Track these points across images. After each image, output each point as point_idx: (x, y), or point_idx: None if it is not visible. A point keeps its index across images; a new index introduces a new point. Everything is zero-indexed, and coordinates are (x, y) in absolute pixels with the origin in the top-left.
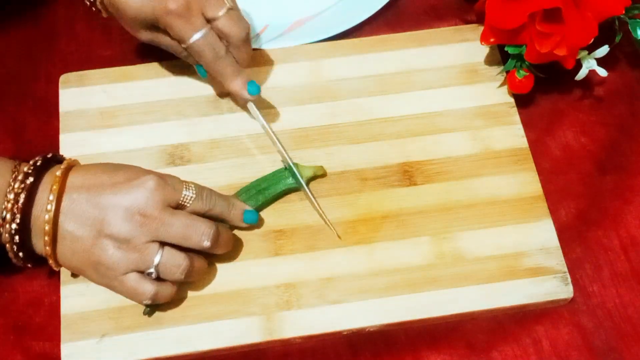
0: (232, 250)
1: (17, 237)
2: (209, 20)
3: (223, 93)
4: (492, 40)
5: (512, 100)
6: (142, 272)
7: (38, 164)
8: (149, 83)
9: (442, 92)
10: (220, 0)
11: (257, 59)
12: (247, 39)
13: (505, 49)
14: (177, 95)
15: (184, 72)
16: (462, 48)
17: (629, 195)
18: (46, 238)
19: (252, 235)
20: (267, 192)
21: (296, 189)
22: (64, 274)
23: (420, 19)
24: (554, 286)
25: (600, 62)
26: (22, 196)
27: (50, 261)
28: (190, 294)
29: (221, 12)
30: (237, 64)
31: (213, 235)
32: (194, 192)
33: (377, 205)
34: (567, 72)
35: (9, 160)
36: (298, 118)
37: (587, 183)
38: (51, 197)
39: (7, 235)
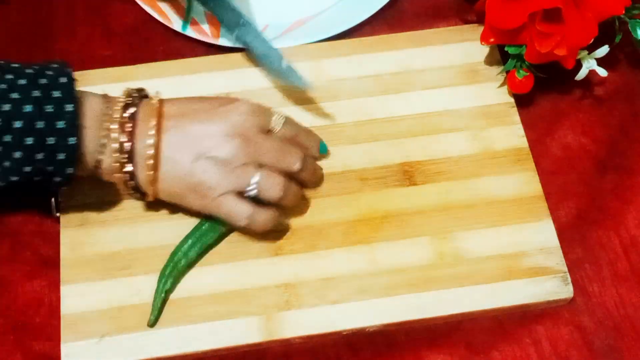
0: (232, 250)
1: (128, 166)
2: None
3: None
4: (492, 40)
5: (512, 100)
6: (241, 194)
7: (134, 94)
8: (149, 83)
9: (442, 92)
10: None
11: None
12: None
13: (505, 49)
14: (177, 95)
15: (183, 72)
16: (462, 48)
17: (629, 195)
18: (149, 162)
19: (252, 236)
20: (203, 246)
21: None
22: (64, 273)
23: (420, 19)
24: (554, 286)
25: (600, 62)
26: (129, 126)
27: (150, 190)
28: (190, 294)
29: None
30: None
31: (302, 159)
32: (284, 117)
33: (377, 205)
34: (567, 72)
35: (96, 93)
36: (298, 118)
37: (587, 183)
38: (153, 124)
39: (116, 164)
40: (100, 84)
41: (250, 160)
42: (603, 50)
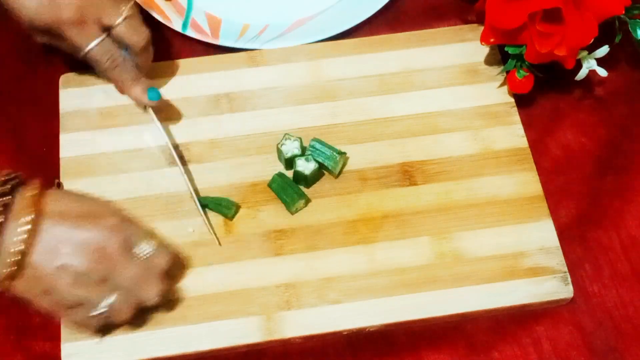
0: (232, 250)
1: None
2: (106, 28)
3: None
4: (492, 40)
5: (512, 100)
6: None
7: (10, 181)
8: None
9: (442, 92)
10: (117, 8)
11: (257, 59)
12: (146, 47)
13: (505, 49)
14: (177, 95)
15: (183, 72)
16: (462, 48)
17: (629, 195)
18: (14, 260)
19: (252, 236)
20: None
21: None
22: None
23: (420, 19)
24: (554, 286)
25: (600, 62)
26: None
27: (5, 285)
28: (190, 294)
29: (118, 20)
30: (137, 71)
31: (163, 295)
32: (153, 246)
33: (377, 205)
34: (567, 72)
35: None
36: (298, 118)
37: (587, 183)
38: (27, 220)
39: None
40: (100, 84)
41: (106, 278)
42: (603, 50)
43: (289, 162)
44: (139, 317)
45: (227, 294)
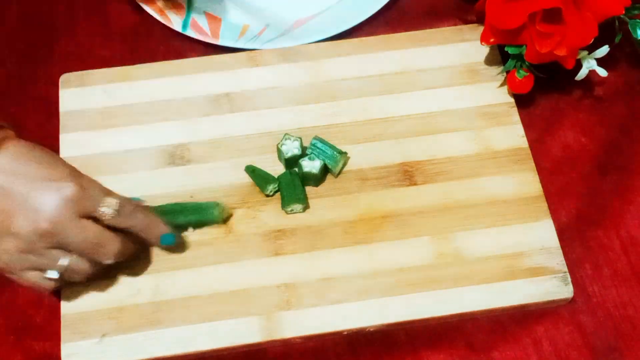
0: (232, 250)
1: None
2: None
3: None
4: (492, 40)
5: (512, 100)
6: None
7: None
8: (149, 83)
9: (442, 92)
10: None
11: (257, 59)
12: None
13: (505, 49)
14: (177, 95)
15: (183, 72)
16: (462, 48)
17: (629, 195)
18: None
19: (252, 236)
20: (188, 217)
21: (215, 222)
22: None
23: (420, 19)
24: (554, 286)
25: (600, 62)
26: None
27: None
28: (190, 294)
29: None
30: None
31: (117, 256)
32: (115, 208)
33: (377, 205)
34: (567, 72)
35: None
36: (298, 118)
37: (587, 183)
38: None
39: None
40: (101, 84)
41: (54, 246)
42: (603, 50)
43: (289, 162)
44: (104, 272)
45: (227, 294)
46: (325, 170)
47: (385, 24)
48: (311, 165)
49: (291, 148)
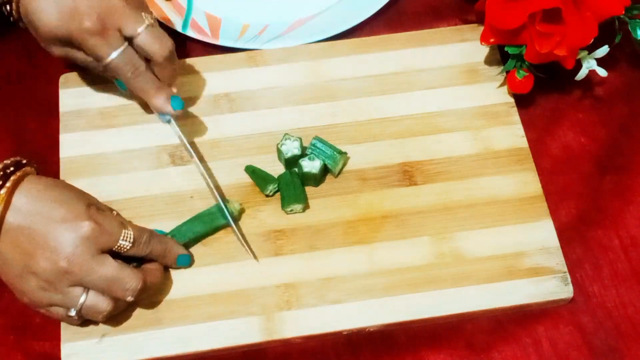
0: (232, 250)
1: None
2: (127, 38)
3: (146, 105)
4: (492, 40)
5: (512, 100)
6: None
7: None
8: None
9: (442, 92)
10: (139, 16)
11: (257, 59)
12: (170, 57)
13: (505, 49)
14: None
15: (183, 72)
16: (462, 48)
17: (629, 195)
18: None
19: (252, 236)
20: (198, 231)
21: (227, 225)
22: None
23: (420, 19)
24: (554, 286)
25: (600, 62)
26: None
27: None
28: (190, 294)
29: (140, 29)
30: (158, 80)
31: (138, 292)
32: (131, 240)
33: (377, 205)
34: (567, 72)
35: None
36: (298, 118)
37: (587, 183)
38: None
39: None
40: (100, 84)
41: (74, 284)
42: (603, 50)
43: (289, 162)
44: (127, 309)
45: (227, 294)
46: (325, 170)
47: (385, 24)
48: (311, 165)
49: (291, 148)
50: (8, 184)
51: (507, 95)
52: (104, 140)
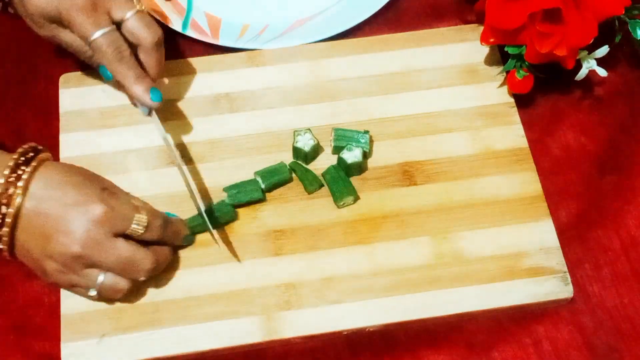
0: (232, 251)
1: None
2: (117, 22)
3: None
4: (492, 40)
5: (512, 100)
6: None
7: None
8: None
9: (442, 92)
10: (129, 1)
11: (257, 59)
12: (157, 44)
13: (505, 49)
14: (177, 95)
15: (183, 72)
16: (462, 48)
17: (629, 195)
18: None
19: (252, 236)
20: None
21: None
22: None
23: (420, 19)
24: (554, 286)
25: (600, 62)
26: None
27: (5, 251)
28: (190, 294)
29: (129, 14)
30: (141, 69)
31: (151, 271)
32: (145, 225)
33: (377, 205)
34: (567, 72)
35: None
36: (298, 118)
37: (587, 183)
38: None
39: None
40: (100, 84)
41: (90, 266)
42: (603, 50)
43: (307, 156)
44: (143, 285)
45: (227, 294)
46: (365, 156)
47: (385, 24)
48: (353, 156)
49: (306, 140)
50: (29, 169)
51: (507, 95)
52: (104, 140)
